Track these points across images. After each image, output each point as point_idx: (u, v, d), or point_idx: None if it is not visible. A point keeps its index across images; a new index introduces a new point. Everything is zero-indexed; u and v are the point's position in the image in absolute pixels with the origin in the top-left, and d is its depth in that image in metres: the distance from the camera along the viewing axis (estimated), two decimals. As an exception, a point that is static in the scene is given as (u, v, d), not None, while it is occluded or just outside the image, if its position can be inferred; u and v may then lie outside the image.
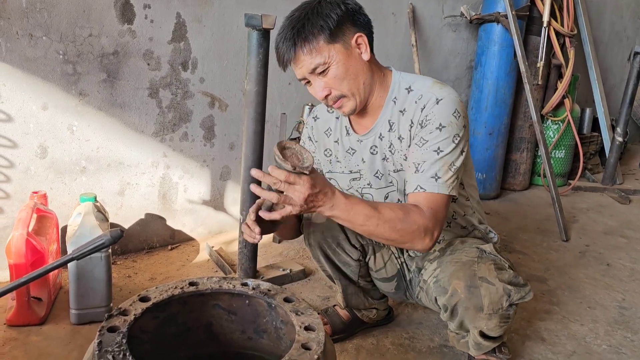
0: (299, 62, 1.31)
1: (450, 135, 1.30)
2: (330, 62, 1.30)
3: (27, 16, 1.89)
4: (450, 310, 1.41)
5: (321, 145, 1.61)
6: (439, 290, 1.43)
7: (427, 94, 1.35)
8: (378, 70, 1.41)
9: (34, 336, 1.69)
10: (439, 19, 3.36)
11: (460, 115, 1.32)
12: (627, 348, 1.81)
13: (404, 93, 1.39)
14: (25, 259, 1.64)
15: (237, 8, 2.40)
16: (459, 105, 1.33)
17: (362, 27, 1.35)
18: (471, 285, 1.35)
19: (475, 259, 1.42)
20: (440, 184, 1.28)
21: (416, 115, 1.35)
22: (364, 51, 1.34)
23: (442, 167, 1.29)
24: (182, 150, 2.40)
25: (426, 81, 1.39)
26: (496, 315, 1.36)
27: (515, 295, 1.36)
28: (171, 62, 2.27)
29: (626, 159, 4.77)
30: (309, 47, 1.28)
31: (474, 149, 3.44)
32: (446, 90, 1.35)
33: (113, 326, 0.95)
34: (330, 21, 1.28)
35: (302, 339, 0.95)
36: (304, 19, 1.29)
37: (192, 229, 2.55)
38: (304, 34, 1.28)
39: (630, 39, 5.08)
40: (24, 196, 2.00)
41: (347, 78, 1.32)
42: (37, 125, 2.00)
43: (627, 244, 2.80)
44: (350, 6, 1.33)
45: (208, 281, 1.16)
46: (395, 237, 1.23)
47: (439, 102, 1.32)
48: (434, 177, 1.28)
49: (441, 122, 1.30)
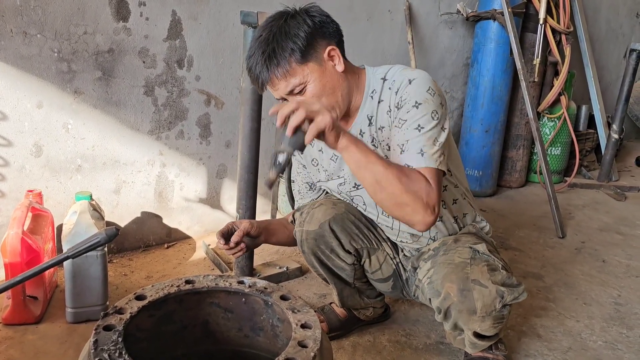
0: (275, 86, 1.31)
1: (428, 112, 1.27)
2: (306, 82, 1.29)
3: (21, 14, 1.88)
4: (443, 313, 1.41)
5: (307, 155, 1.61)
6: (433, 293, 1.42)
7: (399, 78, 1.34)
8: (353, 75, 1.39)
9: (30, 335, 1.68)
10: (435, 16, 3.36)
11: (435, 93, 1.30)
12: (623, 344, 1.82)
13: (380, 83, 1.38)
14: (20, 257, 1.63)
15: (233, 5, 2.39)
16: (432, 84, 1.31)
17: (332, 37, 1.33)
18: (464, 289, 1.35)
19: (468, 260, 1.40)
20: (427, 157, 1.24)
21: (392, 100, 1.34)
22: (337, 62, 1.33)
23: (427, 142, 1.25)
24: (178, 148, 2.40)
25: (398, 67, 1.38)
26: (489, 317, 1.36)
27: (509, 296, 1.35)
28: (167, 60, 2.26)
29: (622, 156, 4.79)
30: (282, 71, 1.27)
31: (470, 146, 3.45)
32: (418, 71, 1.34)
33: (109, 324, 0.95)
34: (300, 41, 1.26)
35: (298, 336, 0.95)
36: (273, 42, 1.26)
37: (188, 227, 2.55)
38: (276, 60, 1.26)
39: (626, 36, 5.09)
40: (19, 195, 1.99)
41: (324, 94, 1.31)
42: (32, 123, 1.99)
43: (623, 241, 2.81)
44: (317, 19, 1.31)
45: (204, 279, 1.15)
46: (399, 190, 1.17)
47: (412, 81, 1.30)
48: (419, 152, 1.24)
49: (416, 99, 1.28)
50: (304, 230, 1.53)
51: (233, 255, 1.39)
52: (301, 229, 1.54)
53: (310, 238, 1.53)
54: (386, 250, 1.63)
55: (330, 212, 1.52)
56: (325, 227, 1.50)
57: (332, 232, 1.51)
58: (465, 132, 3.50)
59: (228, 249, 1.38)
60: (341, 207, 1.54)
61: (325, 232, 1.51)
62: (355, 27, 2.93)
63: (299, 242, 1.57)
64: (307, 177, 1.67)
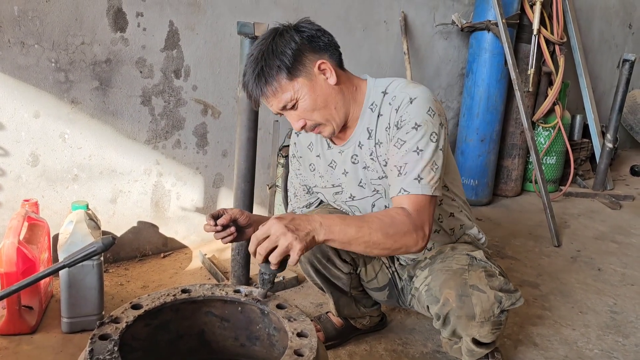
0: (268, 102, 1.33)
1: (427, 134, 1.28)
2: (298, 97, 1.30)
3: (19, 24, 1.89)
4: (442, 319, 1.41)
5: (305, 160, 1.61)
6: (431, 299, 1.43)
7: (400, 95, 1.34)
8: (350, 86, 1.39)
9: (24, 345, 1.67)
10: (430, 26, 3.39)
11: (435, 113, 1.30)
12: (619, 352, 1.82)
13: (380, 96, 1.39)
14: (16, 267, 1.62)
15: (230, 16, 2.41)
16: (433, 104, 1.31)
17: (324, 50, 1.33)
18: (462, 294, 1.36)
19: (466, 266, 1.42)
20: (424, 185, 1.26)
21: (392, 117, 1.34)
22: (329, 76, 1.32)
23: (425, 168, 1.27)
24: (174, 157, 2.40)
25: (400, 82, 1.38)
26: (488, 322, 1.36)
27: (507, 301, 1.36)
28: (164, 70, 2.27)
29: (616, 165, 4.82)
30: (271, 89, 1.28)
31: (466, 155, 3.46)
32: (420, 89, 1.34)
33: (105, 334, 0.95)
34: (286, 58, 1.26)
35: (294, 345, 0.96)
36: (262, 60, 1.27)
37: (184, 236, 2.55)
38: (264, 77, 1.28)
39: (619, 46, 5.15)
40: (16, 204, 1.99)
41: (317, 108, 1.32)
42: (29, 133, 1.99)
43: (618, 249, 2.82)
44: (306, 34, 1.31)
45: (200, 288, 1.16)
46: (390, 243, 1.20)
47: (413, 101, 1.31)
48: (416, 178, 1.26)
49: (416, 121, 1.28)
50: None
51: (222, 240, 1.38)
52: None
53: None
54: (382, 260, 1.63)
55: None
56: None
57: None
58: (461, 141, 3.52)
59: (216, 232, 1.38)
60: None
61: None
62: (351, 37, 2.96)
63: None
64: (304, 180, 1.67)
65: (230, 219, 1.40)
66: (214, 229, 1.37)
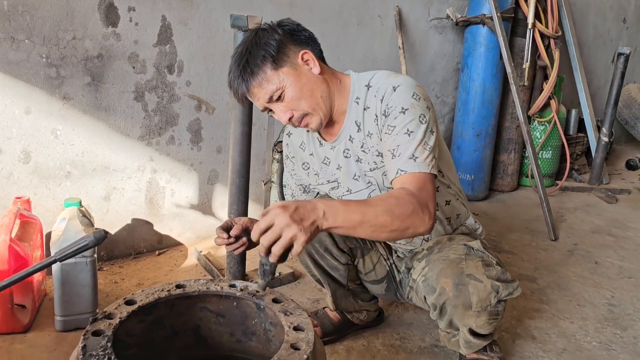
0: (254, 96, 1.34)
1: (416, 117, 1.28)
2: (284, 87, 1.31)
3: (9, 19, 1.86)
4: (439, 309, 1.40)
5: (298, 159, 1.61)
6: (428, 289, 1.42)
7: (383, 85, 1.35)
8: (333, 79, 1.41)
9: (17, 344, 1.65)
10: (425, 21, 3.38)
11: (420, 97, 1.31)
12: (617, 344, 1.82)
13: (364, 90, 1.40)
14: (8, 265, 1.60)
15: (223, 11, 2.39)
16: (417, 89, 1.33)
17: (305, 44, 1.36)
18: (459, 283, 1.35)
19: (463, 256, 1.41)
20: (419, 163, 1.25)
21: (378, 108, 1.35)
22: (313, 66, 1.34)
23: (418, 147, 1.26)
24: (168, 154, 2.38)
25: (382, 74, 1.40)
26: (485, 312, 1.36)
27: (504, 291, 1.36)
28: (157, 65, 2.25)
29: (612, 159, 4.82)
30: (257, 80, 1.30)
31: (462, 150, 3.46)
32: (401, 78, 1.36)
33: (98, 330, 0.93)
34: (271, 48, 1.29)
35: (291, 339, 0.94)
36: (246, 53, 1.30)
37: (179, 233, 2.52)
38: (250, 68, 1.29)
39: (613, 41, 5.15)
40: (7, 202, 1.96)
41: (303, 96, 1.33)
42: (20, 129, 1.96)
43: (615, 242, 2.82)
44: (287, 27, 1.34)
45: (195, 283, 1.14)
46: (397, 224, 1.15)
47: (396, 88, 1.32)
48: (411, 157, 1.26)
49: (402, 105, 1.29)
50: None
51: (235, 252, 1.34)
52: None
53: None
54: (380, 251, 1.62)
55: None
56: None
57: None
58: (456, 136, 3.51)
59: (229, 244, 1.35)
60: None
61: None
62: (345, 32, 2.94)
63: None
64: (300, 180, 1.67)
65: (242, 229, 1.37)
66: (226, 242, 1.32)
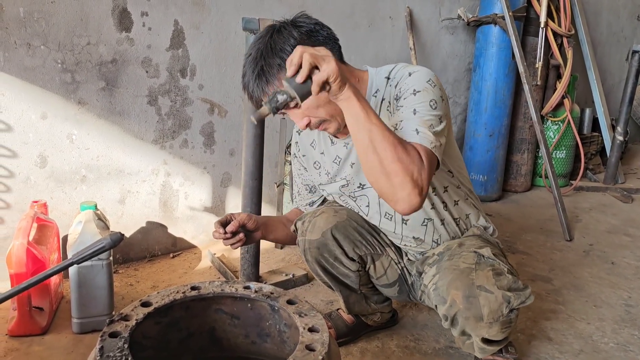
0: None
1: (427, 100, 1.23)
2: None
3: (25, 25, 1.89)
4: (450, 320, 1.38)
5: (309, 158, 1.60)
6: (438, 299, 1.40)
7: (399, 74, 1.33)
8: (352, 78, 1.35)
9: (35, 346, 1.67)
10: (436, 21, 3.37)
11: (435, 85, 1.27)
12: (635, 345, 1.79)
13: (384, 82, 1.37)
14: (26, 268, 1.63)
15: (235, 14, 2.40)
16: (434, 77, 1.28)
17: (324, 44, 1.28)
18: (469, 295, 1.33)
19: (473, 265, 1.38)
20: (422, 136, 1.18)
21: (392, 94, 1.33)
22: None
23: (421, 124, 1.19)
24: (182, 157, 2.40)
25: (401, 65, 1.37)
26: (497, 322, 1.33)
27: (515, 301, 1.33)
28: (170, 69, 2.27)
29: (627, 158, 4.76)
30: (273, 88, 1.25)
31: (475, 150, 3.44)
32: (420, 67, 1.33)
33: (115, 331, 0.94)
34: (286, 55, 1.22)
35: (306, 340, 0.94)
36: (261, 60, 1.25)
37: (193, 236, 2.54)
38: (265, 77, 1.25)
39: (627, 39, 5.08)
40: (24, 206, 1.99)
41: (320, 105, 1.28)
42: (37, 134, 1.99)
43: (632, 242, 2.78)
44: (304, 29, 1.28)
45: (210, 285, 1.15)
46: (392, 156, 1.09)
47: (412, 74, 1.29)
48: (414, 130, 1.19)
49: (415, 88, 1.25)
50: (307, 240, 1.52)
51: (231, 246, 1.39)
52: (303, 239, 1.53)
53: (313, 247, 1.51)
54: (390, 255, 1.61)
55: (332, 219, 1.50)
56: (327, 235, 1.49)
57: (335, 240, 1.50)
58: (469, 136, 3.49)
59: (225, 239, 1.37)
60: (343, 215, 1.53)
61: (328, 241, 1.50)
62: (356, 33, 2.94)
63: (302, 251, 1.55)
64: (307, 180, 1.67)
65: (239, 225, 1.38)
66: (223, 237, 1.36)
